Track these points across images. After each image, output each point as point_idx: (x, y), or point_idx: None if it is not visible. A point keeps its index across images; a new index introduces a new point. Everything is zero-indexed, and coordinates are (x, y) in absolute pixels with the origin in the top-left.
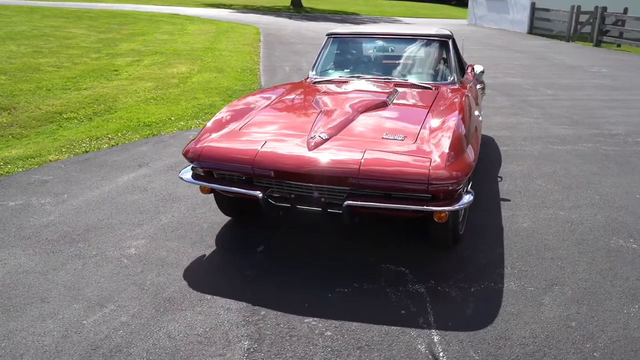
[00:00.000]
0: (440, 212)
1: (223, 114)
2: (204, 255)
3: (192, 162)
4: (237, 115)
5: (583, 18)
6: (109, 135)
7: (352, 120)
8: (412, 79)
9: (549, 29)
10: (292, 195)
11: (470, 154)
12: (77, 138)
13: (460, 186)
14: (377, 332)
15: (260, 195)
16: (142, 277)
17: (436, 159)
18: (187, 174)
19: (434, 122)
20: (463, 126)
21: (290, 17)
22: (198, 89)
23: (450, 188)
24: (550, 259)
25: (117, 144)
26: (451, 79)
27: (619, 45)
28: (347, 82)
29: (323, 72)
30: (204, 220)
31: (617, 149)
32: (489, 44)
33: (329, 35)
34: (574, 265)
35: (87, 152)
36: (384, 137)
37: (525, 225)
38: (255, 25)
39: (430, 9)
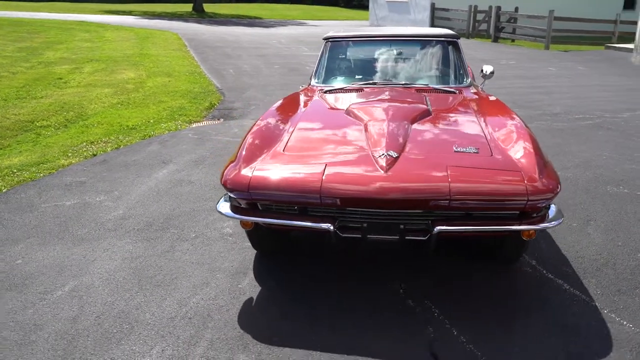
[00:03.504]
0: (541, 229)
1: (252, 136)
2: None
3: (234, 192)
4: (269, 137)
5: (480, 16)
6: (103, 139)
7: (408, 133)
8: (431, 84)
9: (450, 27)
10: (364, 225)
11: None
12: (71, 144)
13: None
14: None
15: (332, 228)
16: None
17: (528, 172)
18: (226, 207)
19: (496, 129)
20: (530, 132)
21: (199, 23)
22: (159, 92)
23: (546, 202)
24: (574, 204)
25: (120, 147)
26: (468, 81)
27: (513, 41)
28: (362, 89)
29: (328, 80)
30: None
31: (566, 124)
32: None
33: (327, 39)
34: (594, 206)
35: (95, 155)
36: (456, 150)
37: None
38: (172, 31)
39: (327, 12)
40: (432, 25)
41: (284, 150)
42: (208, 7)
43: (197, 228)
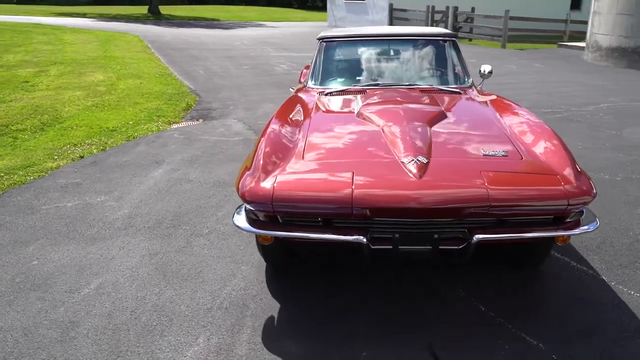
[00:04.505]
0: (581, 234)
1: (266, 143)
2: None
3: (254, 204)
4: (283, 145)
5: (437, 17)
6: (86, 142)
7: (430, 136)
8: (434, 84)
9: None
10: (396, 235)
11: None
12: (53, 146)
13: None
14: None
15: (364, 240)
16: None
17: (564, 174)
18: (242, 220)
19: (517, 130)
20: (553, 130)
21: (157, 25)
22: (132, 94)
23: (585, 205)
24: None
25: (106, 148)
26: (470, 81)
27: (470, 40)
28: (365, 91)
29: (325, 82)
30: None
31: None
32: None
33: (322, 39)
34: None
35: (82, 157)
36: (485, 154)
37: None
38: (133, 34)
39: (282, 13)
40: (391, 24)
41: (303, 158)
42: (163, 9)
43: (209, 224)
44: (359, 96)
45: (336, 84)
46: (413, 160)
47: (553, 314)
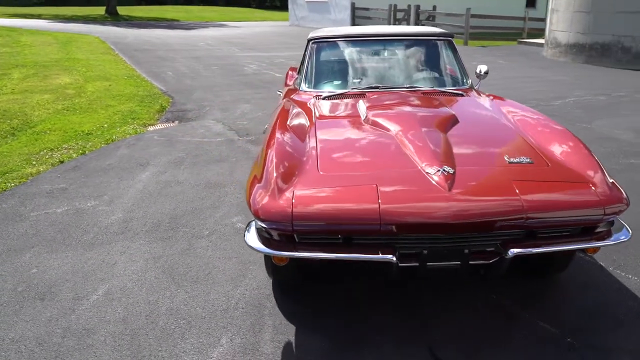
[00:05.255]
0: (617, 243)
1: (276, 154)
2: None
3: (270, 222)
4: (293, 156)
5: (400, 15)
6: (63, 146)
7: (449, 143)
8: (435, 86)
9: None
10: (424, 252)
11: None
12: (29, 152)
13: None
14: None
15: (394, 259)
16: None
17: (596, 182)
18: (254, 240)
19: (536, 134)
20: (573, 134)
21: (117, 26)
22: (103, 97)
23: (620, 213)
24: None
25: (85, 152)
26: (469, 82)
27: None
28: (364, 95)
29: (320, 85)
30: None
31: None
32: None
33: (313, 40)
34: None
35: (62, 162)
36: (510, 161)
37: None
38: (93, 35)
39: (243, 13)
40: (354, 24)
41: (318, 170)
42: (121, 10)
43: (208, 225)
44: (360, 100)
45: (331, 87)
46: (439, 170)
47: (559, 298)
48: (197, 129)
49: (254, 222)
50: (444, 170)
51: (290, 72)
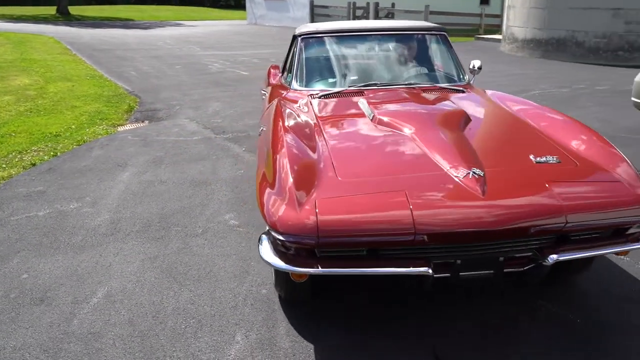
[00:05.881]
0: None
1: (289, 160)
2: None
3: (292, 236)
4: (306, 161)
5: (359, 12)
6: (33, 149)
7: (468, 142)
8: (435, 82)
9: None
10: (458, 262)
11: None
12: None
13: None
14: None
15: (431, 271)
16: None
17: (629, 180)
18: (271, 255)
19: (555, 131)
20: (593, 129)
21: (70, 26)
22: (67, 98)
23: None
24: None
25: (57, 154)
26: (467, 77)
27: None
28: (363, 92)
29: (312, 83)
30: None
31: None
32: (288, 40)
33: (302, 35)
34: None
35: (34, 164)
36: (537, 161)
37: None
38: (47, 35)
39: (198, 12)
40: (313, 22)
41: (337, 176)
42: (72, 10)
43: (200, 223)
44: (361, 99)
45: (325, 85)
46: (468, 173)
47: (559, 281)
48: (171, 128)
49: (265, 235)
50: (473, 172)
51: (272, 71)
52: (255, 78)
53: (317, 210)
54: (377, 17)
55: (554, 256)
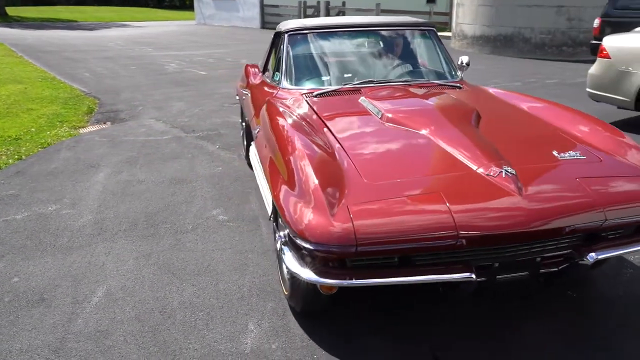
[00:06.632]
0: None
1: (308, 163)
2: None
3: (325, 245)
4: (326, 164)
5: (310, 11)
6: None
7: (488, 139)
8: (431, 79)
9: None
10: (496, 264)
11: None
12: None
13: None
14: None
15: (474, 277)
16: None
17: None
18: (304, 269)
19: (569, 126)
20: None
21: (10, 27)
22: (21, 100)
23: None
24: None
25: (22, 158)
26: (460, 73)
27: None
28: (360, 90)
29: (303, 81)
30: (235, 174)
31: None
32: (241, 40)
33: (288, 32)
34: None
35: (0, 168)
36: (562, 157)
37: None
38: None
39: (144, 13)
40: (263, 21)
41: (363, 179)
42: (10, 11)
43: (188, 220)
44: (362, 97)
45: (317, 83)
46: (501, 171)
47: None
48: (138, 128)
49: (286, 246)
50: (506, 171)
51: (251, 70)
52: (214, 78)
53: (351, 217)
54: (327, 15)
55: (593, 254)
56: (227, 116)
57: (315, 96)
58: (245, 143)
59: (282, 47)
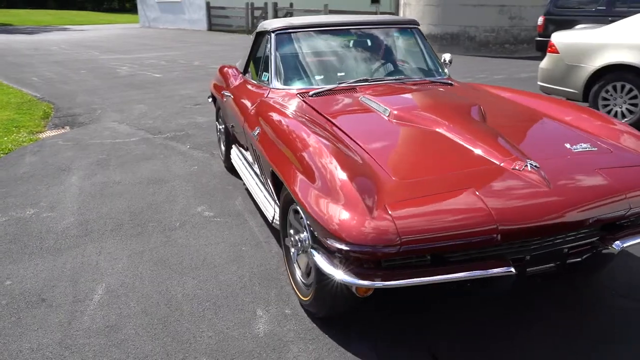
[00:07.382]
0: None
1: (336, 161)
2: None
3: (361, 246)
4: (352, 163)
5: (257, 13)
6: None
7: (501, 134)
8: (423, 76)
9: (228, 24)
10: (527, 257)
11: None
12: None
13: None
14: None
15: (514, 270)
16: (259, 219)
17: None
18: (337, 271)
19: (573, 119)
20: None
21: None
22: None
23: None
24: None
25: None
26: (446, 71)
27: None
28: (355, 89)
29: (293, 81)
30: (212, 172)
31: None
32: (190, 42)
33: (275, 31)
34: None
35: None
36: (575, 149)
37: None
38: None
39: (84, 16)
40: (210, 23)
41: (392, 177)
42: None
43: (174, 217)
44: (361, 95)
45: (310, 83)
46: (526, 165)
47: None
48: (101, 131)
49: (314, 249)
50: (531, 165)
51: (230, 71)
52: (170, 80)
53: (391, 215)
54: (275, 17)
55: (619, 242)
56: (192, 117)
57: (312, 95)
58: (223, 147)
59: (268, 46)
